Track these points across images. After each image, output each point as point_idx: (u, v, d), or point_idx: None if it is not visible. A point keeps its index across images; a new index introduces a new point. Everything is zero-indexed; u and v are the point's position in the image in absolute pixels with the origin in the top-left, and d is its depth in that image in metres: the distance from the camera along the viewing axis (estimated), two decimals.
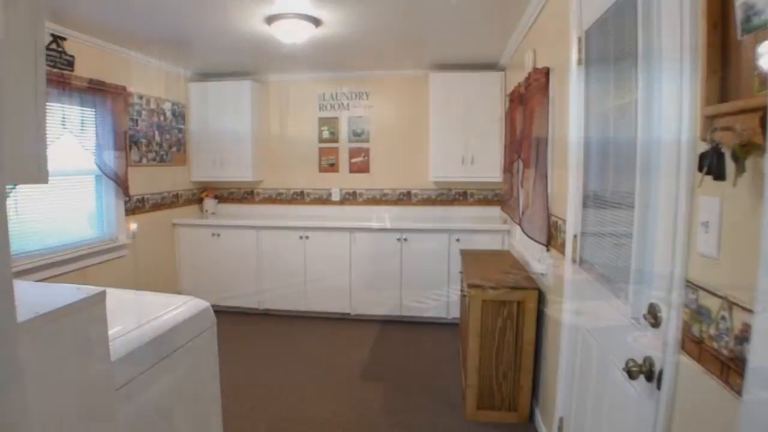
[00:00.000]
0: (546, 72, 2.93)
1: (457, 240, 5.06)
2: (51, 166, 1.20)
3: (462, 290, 3.55)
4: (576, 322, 2.40)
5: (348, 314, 5.44)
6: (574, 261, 2.43)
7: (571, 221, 2.45)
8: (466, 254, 4.25)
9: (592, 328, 2.15)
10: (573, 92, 2.42)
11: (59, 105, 3.96)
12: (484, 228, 5.04)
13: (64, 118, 4.01)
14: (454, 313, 5.12)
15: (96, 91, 4.33)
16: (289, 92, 6.09)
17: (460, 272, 4.21)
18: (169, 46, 4.71)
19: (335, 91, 5.97)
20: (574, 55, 2.38)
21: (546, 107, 2.91)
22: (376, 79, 5.86)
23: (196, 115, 5.95)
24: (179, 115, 5.81)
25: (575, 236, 2.42)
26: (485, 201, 5.78)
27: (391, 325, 5.28)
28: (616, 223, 1.89)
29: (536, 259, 3.32)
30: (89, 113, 4.36)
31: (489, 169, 5.33)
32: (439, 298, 5.18)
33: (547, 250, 2.98)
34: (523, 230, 3.20)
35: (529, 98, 3.25)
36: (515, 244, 4.22)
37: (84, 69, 4.26)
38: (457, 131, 5.33)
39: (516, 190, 3.99)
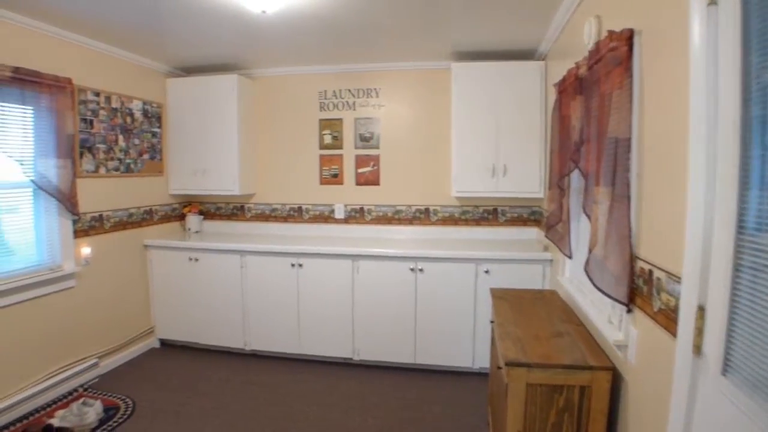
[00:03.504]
0: (628, 36, 1.90)
1: (486, 272, 4.01)
2: None
3: (498, 365, 2.52)
4: None
5: (350, 359, 4.43)
6: (697, 353, 1.39)
7: (692, 278, 1.42)
8: (498, 296, 3.21)
9: None
10: (698, 54, 1.39)
11: None
12: (520, 257, 3.98)
13: None
14: (482, 361, 4.07)
15: (26, 83, 3.41)
16: (284, 89, 5.13)
17: (491, 321, 3.16)
18: (128, 29, 3.78)
19: (339, 88, 4.98)
20: None
21: (628, 92, 1.87)
22: (388, 73, 4.86)
23: (175, 116, 5.03)
24: (153, 116, 4.89)
25: (701, 308, 1.38)
26: (520, 221, 4.72)
27: (402, 374, 4.25)
28: None
29: (608, 318, 2.26)
30: (16, 111, 3.44)
31: (525, 183, 4.28)
32: (461, 346, 4.14)
33: (629, 310, 1.93)
34: (589, 276, 2.16)
35: (596, 82, 2.21)
36: (564, 282, 3.18)
37: (10, 55, 3.35)
38: (485, 135, 4.30)
39: (567, 212, 2.95)
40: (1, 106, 3.32)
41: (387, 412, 3.61)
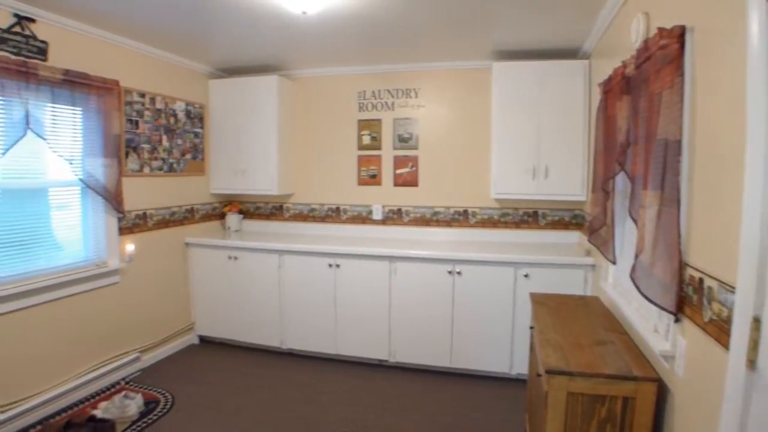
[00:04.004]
0: (679, 34, 1.82)
1: (526, 276, 3.93)
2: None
3: (538, 372, 2.45)
4: None
5: (385, 361, 4.40)
6: (751, 367, 1.31)
7: (747, 287, 1.34)
8: (538, 301, 3.13)
9: None
10: (756, 51, 1.31)
11: (19, 100, 3.15)
12: (561, 261, 3.88)
13: (27, 117, 3.19)
14: (520, 367, 3.99)
15: (76, 85, 3.52)
16: (323, 89, 5.15)
17: (531, 327, 3.09)
18: (173, 32, 3.86)
19: (378, 88, 4.97)
20: None
21: (679, 91, 1.79)
22: (427, 73, 4.82)
23: (216, 117, 5.11)
24: (196, 116, 4.98)
25: (756, 320, 1.30)
26: (561, 224, 4.61)
27: (437, 378, 4.20)
28: None
29: (654, 327, 2.17)
30: (67, 112, 3.56)
31: (567, 185, 4.17)
32: (499, 351, 4.06)
33: (677, 320, 1.85)
34: (635, 283, 2.07)
35: (644, 82, 2.13)
36: (607, 288, 3.08)
37: (61, 58, 3.47)
38: (526, 136, 4.21)
39: (611, 216, 2.85)
40: (53, 107, 3.43)
41: (422, 416, 3.58)
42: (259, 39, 4.03)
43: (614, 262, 2.88)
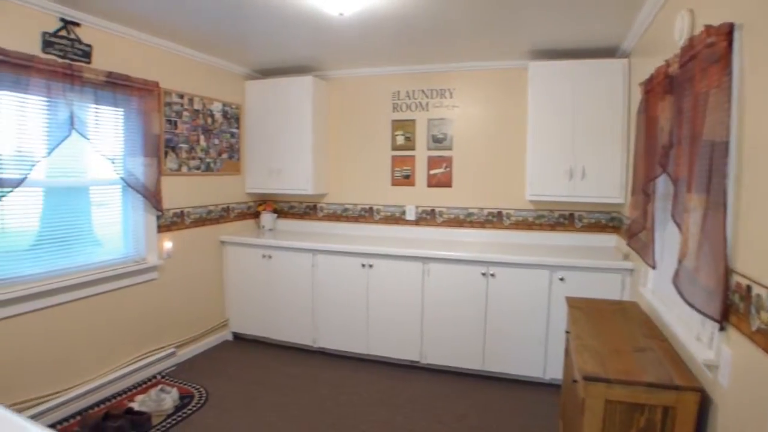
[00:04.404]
0: (727, 31, 1.75)
1: (561, 279, 3.86)
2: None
3: (574, 378, 2.40)
4: None
5: (417, 362, 4.38)
6: None
7: None
8: (574, 305, 3.07)
9: None
10: None
11: (64, 101, 3.24)
12: (597, 265, 3.79)
13: (72, 117, 3.29)
14: (553, 372, 3.92)
15: (118, 86, 3.61)
16: (357, 90, 5.16)
17: (567, 332, 3.03)
18: (211, 34, 3.92)
19: (412, 89, 4.96)
20: None
21: (727, 91, 1.72)
22: (461, 73, 4.78)
23: (252, 117, 5.18)
24: (232, 117, 5.05)
25: None
26: (598, 227, 4.50)
27: (469, 380, 4.16)
28: None
29: (696, 335, 2.10)
30: (109, 113, 3.65)
31: (605, 187, 4.07)
32: (532, 355, 4.00)
33: (722, 328, 1.78)
34: (677, 289, 2.00)
35: (689, 81, 2.06)
36: (646, 294, 2.99)
37: (104, 61, 3.56)
38: (563, 137, 4.13)
39: (651, 219, 2.77)
40: (96, 108, 3.52)
41: (453, 418, 3.55)
42: (295, 40, 4.05)
43: (654, 267, 2.80)
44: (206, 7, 3.30)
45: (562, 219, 4.60)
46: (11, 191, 2.98)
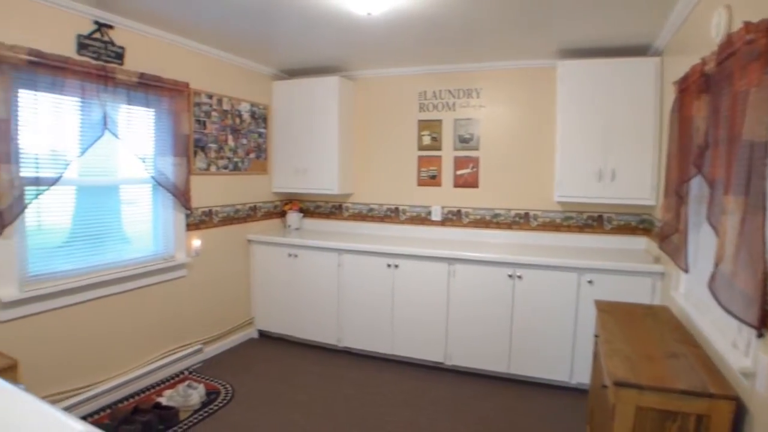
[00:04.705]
0: (767, 28, 1.69)
1: (590, 282, 3.79)
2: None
3: (603, 383, 2.35)
4: None
5: (441, 363, 4.36)
6: None
7: None
8: (603, 309, 3.01)
9: None
10: None
11: (98, 102, 3.30)
12: (627, 268, 3.71)
13: (105, 117, 3.35)
14: (580, 377, 3.85)
15: (149, 87, 3.67)
16: (384, 90, 5.16)
17: (595, 336, 2.97)
18: (240, 35, 3.95)
19: (439, 89, 4.93)
20: None
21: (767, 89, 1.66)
22: (489, 72, 4.73)
23: (279, 117, 5.22)
24: (260, 117, 5.09)
25: None
26: (627, 229, 4.41)
27: (494, 383, 4.12)
28: None
29: (732, 342, 2.04)
30: (140, 113, 3.71)
31: (636, 188, 3.99)
32: (559, 359, 3.94)
33: (760, 335, 1.72)
34: (713, 294, 1.95)
35: (727, 79, 2.00)
36: (678, 298, 2.92)
37: (136, 62, 3.62)
38: (592, 137, 4.06)
39: (684, 221, 2.70)
40: (128, 108, 3.59)
41: (477, 421, 3.51)
42: (322, 40, 4.07)
43: (686, 271, 2.73)
44: (235, 9, 3.32)
45: (591, 221, 4.52)
46: (47, 189, 3.06)
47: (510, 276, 4.02)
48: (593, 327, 3.17)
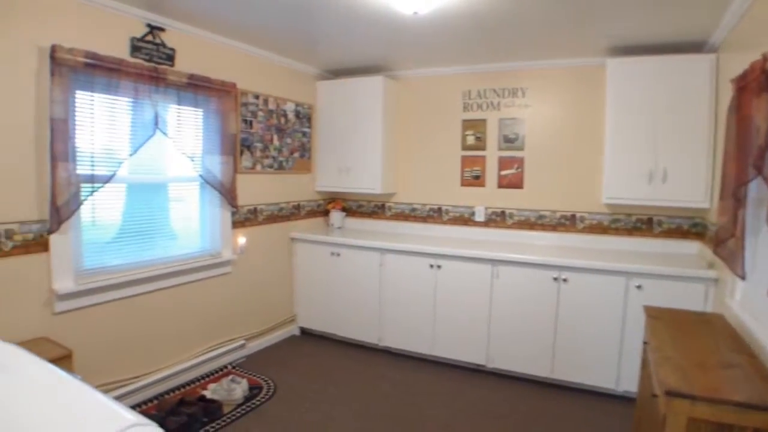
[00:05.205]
0: None
1: (638, 287, 3.68)
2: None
3: (653, 392, 2.27)
4: None
5: (483, 366, 4.31)
6: None
7: None
8: (653, 315, 2.91)
9: None
10: None
11: (150, 102, 3.41)
12: (678, 273, 3.57)
13: (156, 117, 3.45)
14: (627, 384, 3.73)
15: (198, 87, 3.77)
16: (428, 89, 5.14)
17: (644, 342, 2.88)
18: (285, 35, 4.01)
19: (483, 88, 4.87)
20: None
21: None
22: (535, 71, 4.65)
23: (323, 117, 5.28)
24: (304, 117, 5.15)
25: None
26: (678, 233, 4.26)
27: (536, 388, 4.05)
28: None
29: None
30: (189, 113, 3.81)
31: (688, 191, 3.84)
32: (605, 365, 3.83)
33: None
34: None
35: None
36: (734, 306, 2.80)
37: (186, 63, 3.73)
38: (643, 138, 3.93)
39: (741, 225, 2.58)
40: (178, 108, 3.69)
41: (517, 426, 3.46)
42: (367, 40, 4.08)
43: (743, 278, 2.61)
44: (281, 8, 3.37)
45: (640, 223, 4.38)
46: (101, 187, 3.17)
47: (555, 279, 3.94)
48: (641, 333, 3.07)
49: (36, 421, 1.08)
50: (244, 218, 4.44)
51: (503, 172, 4.86)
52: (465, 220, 5.08)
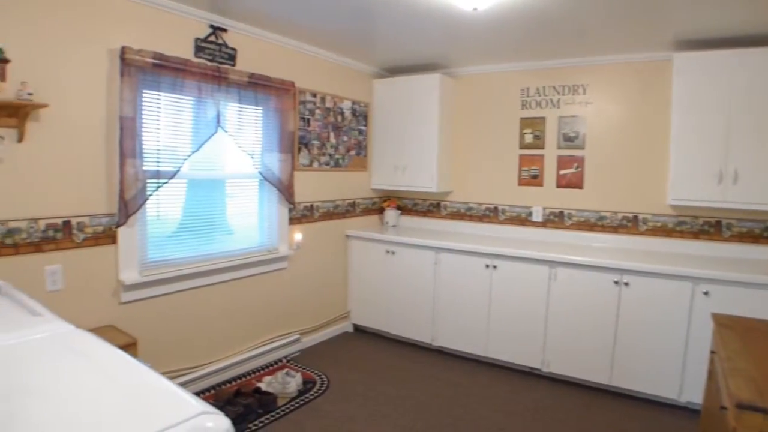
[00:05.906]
0: None
1: (705, 293, 3.51)
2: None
3: (721, 405, 2.17)
4: None
5: (538, 370, 4.22)
6: None
7: None
8: (723, 323, 2.77)
9: None
10: None
11: (212, 101, 3.52)
12: (751, 280, 3.38)
13: (218, 116, 3.56)
14: (690, 395, 3.57)
15: (258, 86, 3.87)
16: (485, 87, 5.07)
17: (712, 352, 2.75)
18: (343, 34, 4.05)
19: (542, 85, 4.76)
20: None
21: None
22: (596, 67, 4.50)
23: (379, 115, 5.30)
24: (360, 115, 5.19)
25: None
26: (749, 236, 4.03)
27: (593, 394, 3.93)
28: None
29: None
30: (249, 111, 3.91)
31: (762, 192, 3.62)
32: (667, 374, 3.68)
33: None
34: None
35: None
36: None
37: (246, 63, 3.84)
38: (712, 136, 3.74)
39: None
40: (239, 107, 3.80)
41: (572, 428, 3.38)
42: (424, 37, 4.06)
43: None
44: (339, 7, 3.40)
45: (707, 227, 4.17)
46: (166, 182, 3.30)
47: (616, 282, 3.81)
48: (708, 342, 2.92)
49: (111, 404, 1.13)
50: (300, 215, 4.52)
51: (562, 172, 4.74)
52: (522, 220, 4.99)
